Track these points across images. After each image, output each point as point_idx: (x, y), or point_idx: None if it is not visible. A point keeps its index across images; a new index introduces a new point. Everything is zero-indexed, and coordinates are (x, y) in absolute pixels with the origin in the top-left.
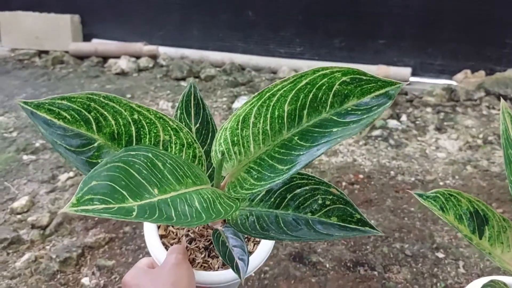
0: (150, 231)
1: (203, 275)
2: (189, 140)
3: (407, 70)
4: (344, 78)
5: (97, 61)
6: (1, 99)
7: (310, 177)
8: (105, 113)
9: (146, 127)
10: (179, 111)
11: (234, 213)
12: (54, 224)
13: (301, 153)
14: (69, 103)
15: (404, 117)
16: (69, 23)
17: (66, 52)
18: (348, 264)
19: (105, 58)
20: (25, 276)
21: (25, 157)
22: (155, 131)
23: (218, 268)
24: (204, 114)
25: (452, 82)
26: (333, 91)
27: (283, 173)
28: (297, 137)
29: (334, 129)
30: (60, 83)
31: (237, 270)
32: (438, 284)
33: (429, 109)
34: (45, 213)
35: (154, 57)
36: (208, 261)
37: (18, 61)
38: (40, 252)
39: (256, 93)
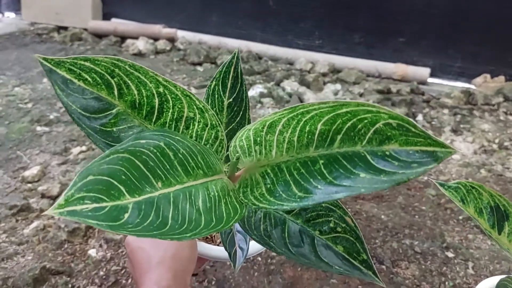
0: None
1: (205, 247)
2: (213, 122)
3: (426, 71)
4: (390, 121)
5: (115, 40)
6: (18, 70)
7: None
8: (129, 81)
9: (171, 101)
10: (214, 82)
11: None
12: None
13: (319, 186)
14: (92, 65)
15: (420, 117)
16: (90, 1)
17: (85, 29)
18: None
19: (123, 38)
20: (32, 243)
21: (38, 128)
22: (179, 106)
23: (220, 243)
24: (241, 90)
25: (471, 86)
26: (374, 127)
27: (294, 200)
28: (322, 161)
29: (362, 175)
30: None
31: (233, 258)
32: (447, 283)
33: (446, 111)
34: (56, 183)
35: (172, 40)
36: (212, 234)
37: (36, 35)
38: (48, 221)
39: (288, 107)
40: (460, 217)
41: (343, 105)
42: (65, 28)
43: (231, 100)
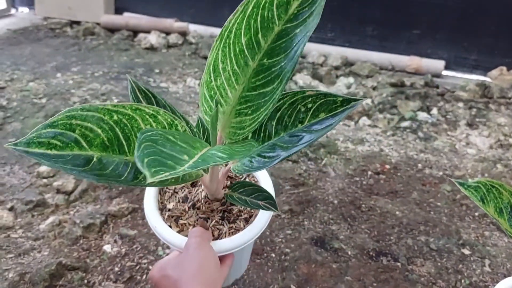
0: (164, 230)
1: (228, 242)
2: (169, 120)
3: (441, 63)
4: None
5: (127, 34)
6: (32, 65)
7: (284, 95)
8: (89, 125)
9: (128, 124)
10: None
11: (237, 165)
12: (79, 191)
13: (275, 68)
14: (53, 129)
15: (434, 111)
16: None
17: (98, 24)
18: (371, 253)
19: (135, 32)
20: (48, 238)
21: None
22: (136, 125)
23: (244, 226)
24: (157, 100)
25: (486, 79)
26: (274, 4)
27: (275, 89)
28: (266, 59)
29: (291, 34)
30: (90, 53)
31: (268, 208)
32: (463, 281)
33: (461, 104)
34: (70, 179)
35: (184, 34)
36: (232, 226)
37: (50, 29)
38: (64, 216)
39: (217, 35)
40: (476, 214)
41: (248, 2)
42: (78, 23)
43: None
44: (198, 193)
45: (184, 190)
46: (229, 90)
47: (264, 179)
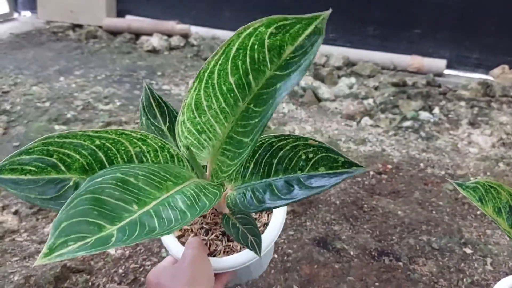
0: (167, 239)
1: (224, 261)
2: (159, 144)
3: (442, 62)
4: (270, 30)
5: (129, 37)
6: (35, 69)
7: (287, 137)
8: (66, 151)
9: (113, 148)
10: (143, 118)
11: (232, 194)
12: None
13: (257, 120)
14: (28, 156)
15: (436, 110)
16: None
17: (100, 27)
18: (373, 253)
19: (137, 35)
20: None
21: (56, 127)
22: (122, 148)
23: (241, 249)
24: (169, 111)
25: (488, 77)
26: (266, 46)
27: (248, 145)
28: (252, 105)
29: (278, 85)
30: (92, 57)
31: (253, 247)
32: (465, 280)
33: (463, 103)
34: None
35: (185, 36)
36: (230, 245)
37: (52, 33)
38: None
39: (194, 78)
40: (478, 212)
41: (229, 44)
42: (80, 26)
43: (168, 124)
44: None
45: None
46: (218, 126)
47: (278, 214)
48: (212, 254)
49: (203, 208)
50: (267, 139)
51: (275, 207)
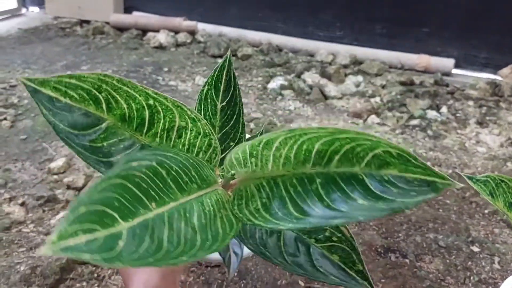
0: None
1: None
2: (206, 131)
3: (450, 61)
4: (389, 149)
5: (136, 33)
6: (43, 64)
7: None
8: (117, 96)
9: (161, 112)
10: (206, 87)
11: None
12: None
13: (316, 209)
14: (78, 82)
15: (444, 109)
16: None
17: (107, 23)
18: (379, 250)
19: (144, 31)
20: None
21: None
22: (170, 116)
23: None
24: (234, 93)
25: (497, 77)
26: (373, 152)
27: (290, 220)
28: (319, 180)
29: (360, 201)
30: (99, 52)
31: (228, 263)
32: (472, 278)
33: (471, 103)
34: (81, 175)
35: (192, 33)
36: None
37: (60, 29)
38: None
39: (286, 129)
40: (486, 211)
41: (343, 132)
42: (88, 22)
43: (224, 103)
44: None
45: None
46: (272, 164)
47: None
48: None
49: (215, 239)
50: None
51: (271, 261)
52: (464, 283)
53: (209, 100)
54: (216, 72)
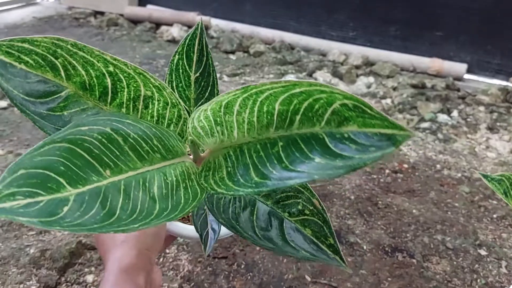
0: None
1: (177, 226)
2: (173, 101)
3: (463, 66)
4: (346, 101)
5: (150, 26)
6: None
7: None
8: (74, 62)
9: (124, 81)
10: (177, 56)
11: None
12: None
13: (274, 171)
14: (31, 47)
15: (455, 113)
16: None
17: (121, 15)
18: (386, 249)
19: (157, 24)
20: None
21: None
22: (135, 85)
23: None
24: (207, 63)
25: (509, 83)
26: (332, 108)
27: (250, 185)
28: (281, 143)
29: (317, 160)
30: (113, 44)
31: (204, 240)
32: (478, 280)
33: (482, 108)
34: None
35: (205, 28)
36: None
37: (74, 19)
38: None
39: (240, 87)
40: (495, 216)
41: (296, 85)
42: (102, 13)
43: (198, 74)
44: None
45: None
46: (237, 131)
47: None
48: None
49: (175, 208)
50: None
51: (242, 236)
52: (471, 285)
53: (181, 71)
54: (187, 41)
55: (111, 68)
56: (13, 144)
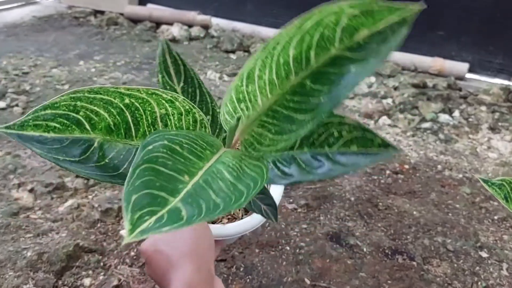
0: None
1: (228, 228)
2: (187, 107)
3: (464, 66)
4: (352, 11)
5: (150, 25)
6: (55, 52)
7: None
8: (95, 108)
9: (140, 108)
10: (160, 76)
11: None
12: None
13: (321, 99)
14: (53, 111)
15: (456, 113)
16: None
17: (121, 14)
18: (387, 251)
19: (158, 23)
20: (66, 220)
21: None
22: (149, 109)
23: (242, 216)
24: (185, 70)
25: (511, 83)
26: (341, 26)
27: (305, 123)
28: (309, 81)
29: (352, 67)
30: (112, 43)
31: (267, 215)
32: (479, 283)
33: (483, 108)
34: None
35: (206, 27)
36: (232, 212)
37: (74, 18)
38: (82, 200)
39: (261, 45)
40: (496, 217)
41: (307, 19)
42: (102, 12)
43: (182, 84)
44: None
45: None
46: (260, 97)
47: (275, 188)
48: (214, 223)
49: (256, 183)
50: None
51: (305, 181)
52: None
53: (168, 88)
54: (160, 60)
55: (127, 101)
56: (11, 145)
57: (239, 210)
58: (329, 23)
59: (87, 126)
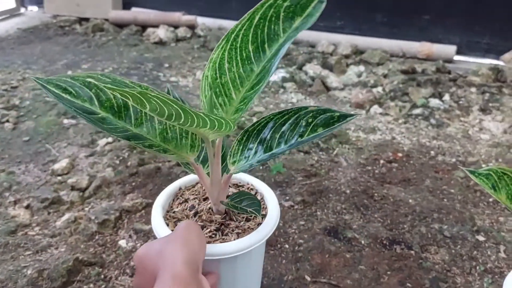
0: (157, 224)
1: (219, 247)
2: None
3: (452, 48)
4: (285, 4)
5: (136, 29)
6: (43, 64)
7: (289, 111)
8: (102, 86)
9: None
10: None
11: (236, 170)
12: (93, 187)
13: (274, 64)
14: (72, 81)
15: (446, 97)
16: None
17: (106, 20)
18: (384, 242)
19: (144, 27)
20: (64, 235)
21: (65, 121)
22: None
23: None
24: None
25: (499, 62)
26: (281, 19)
27: (263, 83)
28: (267, 64)
29: (292, 39)
30: (99, 50)
31: (256, 211)
32: (477, 267)
33: (473, 89)
34: (85, 176)
35: (192, 27)
36: (224, 238)
37: (59, 27)
38: (79, 213)
39: (224, 36)
40: (491, 200)
41: (254, 12)
42: (87, 20)
43: None
44: (204, 205)
45: (195, 201)
46: (234, 91)
47: (271, 200)
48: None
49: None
50: (271, 117)
51: (282, 153)
52: (470, 273)
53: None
54: None
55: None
56: (5, 162)
57: (232, 236)
58: (271, 17)
59: (96, 103)
